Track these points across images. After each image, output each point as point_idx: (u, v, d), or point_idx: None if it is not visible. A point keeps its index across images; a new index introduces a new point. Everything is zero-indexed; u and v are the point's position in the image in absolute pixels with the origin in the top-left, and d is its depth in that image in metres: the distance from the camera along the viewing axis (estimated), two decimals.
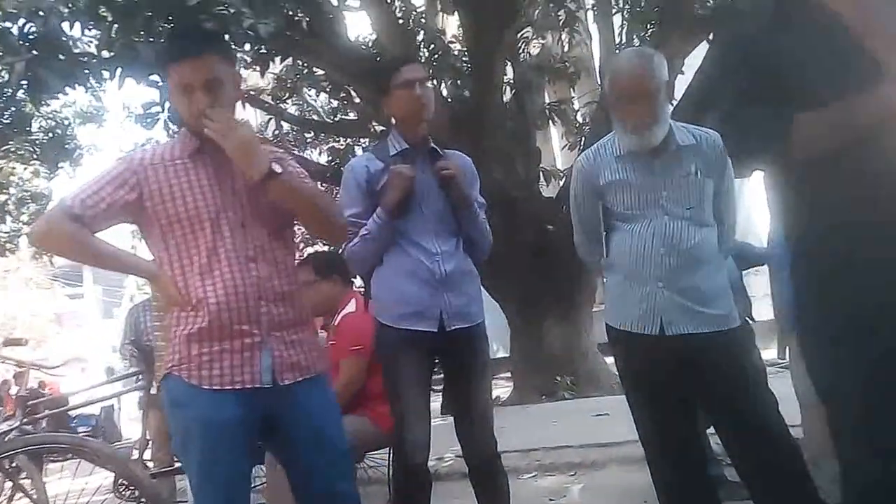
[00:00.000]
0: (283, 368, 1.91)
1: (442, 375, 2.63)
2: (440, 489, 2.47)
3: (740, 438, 2.19)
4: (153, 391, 3.73)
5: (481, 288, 2.62)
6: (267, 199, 1.92)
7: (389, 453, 3.47)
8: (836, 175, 1.54)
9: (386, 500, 3.56)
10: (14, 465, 3.32)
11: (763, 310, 4.10)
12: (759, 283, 3.87)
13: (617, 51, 7.37)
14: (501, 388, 8.15)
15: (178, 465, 3.29)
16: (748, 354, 2.26)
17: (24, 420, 3.67)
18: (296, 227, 2.16)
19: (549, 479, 4.10)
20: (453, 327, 2.44)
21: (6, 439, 2.51)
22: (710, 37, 6.91)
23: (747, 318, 2.68)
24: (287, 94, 10.02)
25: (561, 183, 8.76)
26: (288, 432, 1.95)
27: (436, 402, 3.28)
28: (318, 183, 11.62)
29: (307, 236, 7.05)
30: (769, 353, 5.90)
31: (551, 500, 3.71)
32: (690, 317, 2.16)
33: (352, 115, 10.38)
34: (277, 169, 1.87)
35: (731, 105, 1.66)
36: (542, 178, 8.74)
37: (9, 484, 3.62)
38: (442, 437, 2.77)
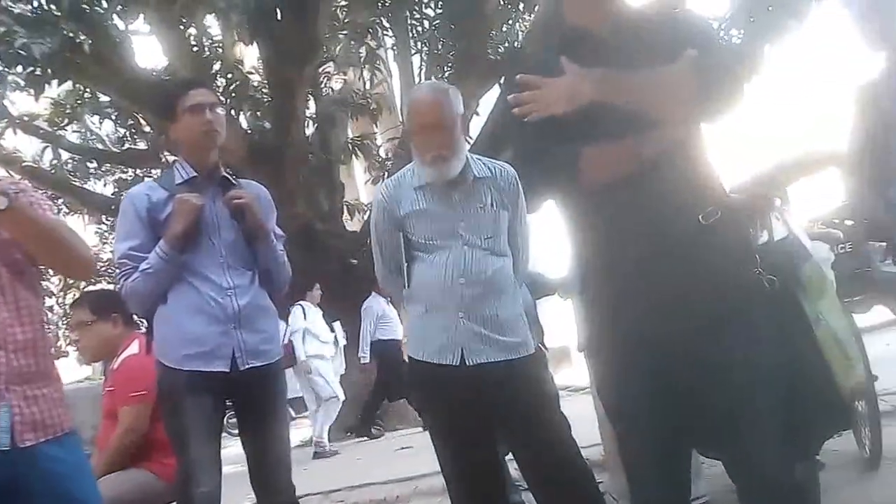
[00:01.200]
0: (24, 428, 1.68)
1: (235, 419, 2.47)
2: None
3: (534, 463, 2.26)
4: None
5: (279, 324, 2.50)
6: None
7: None
8: (604, 207, 1.65)
9: None
10: None
11: (555, 336, 4.37)
12: (550, 311, 4.09)
13: None
14: (306, 428, 7.94)
15: None
16: (542, 380, 2.34)
17: None
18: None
19: None
20: (248, 365, 2.30)
21: None
22: (502, 80, 7.35)
23: (540, 345, 2.80)
24: (66, 121, 9.20)
25: (364, 217, 8.82)
26: (30, 500, 1.70)
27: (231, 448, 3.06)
28: (103, 216, 10.79)
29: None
30: (562, 378, 6.31)
31: None
32: (490, 345, 2.20)
33: (141, 145, 9.76)
34: (1, 204, 1.64)
35: (523, 141, 1.73)
36: (345, 212, 8.74)
37: None
38: (234, 486, 2.58)
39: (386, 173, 8.57)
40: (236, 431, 2.60)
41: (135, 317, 3.21)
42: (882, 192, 2.24)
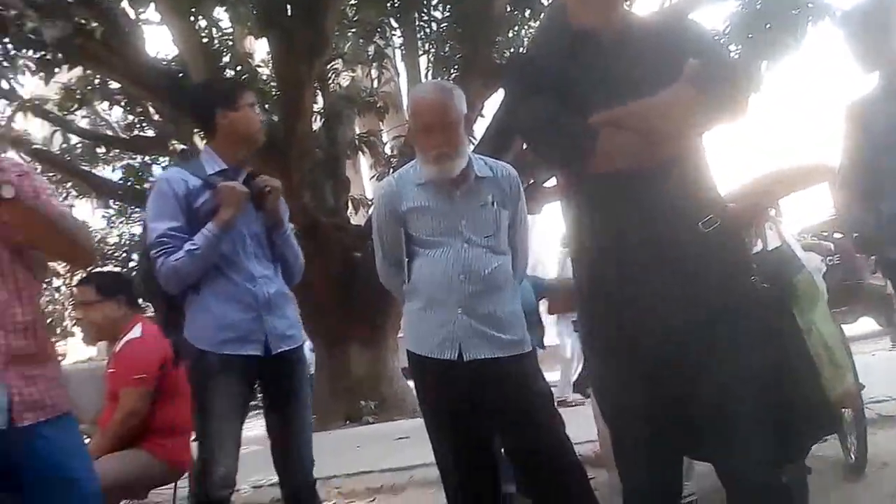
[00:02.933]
0: (23, 408, 1.72)
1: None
2: None
3: (527, 458, 2.30)
4: None
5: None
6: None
7: (174, 488, 3.26)
8: (608, 197, 1.67)
9: None
10: None
11: (549, 335, 4.42)
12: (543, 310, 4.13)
13: None
14: None
15: None
16: (537, 378, 2.38)
17: None
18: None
19: None
20: (279, 350, 2.40)
21: None
22: (505, 81, 7.38)
23: (538, 345, 2.85)
24: (76, 105, 9.24)
25: (369, 212, 8.86)
26: (28, 480, 1.74)
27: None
28: (110, 201, 10.85)
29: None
30: (556, 376, 6.37)
31: None
32: (487, 342, 2.24)
33: (149, 132, 9.80)
34: (7, 194, 1.67)
35: (543, 110, 1.70)
36: (350, 207, 8.79)
37: None
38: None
39: (391, 170, 8.63)
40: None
41: (139, 300, 3.29)
42: (871, 208, 2.28)
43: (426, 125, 2.27)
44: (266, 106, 8.13)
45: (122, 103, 9.41)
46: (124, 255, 11.40)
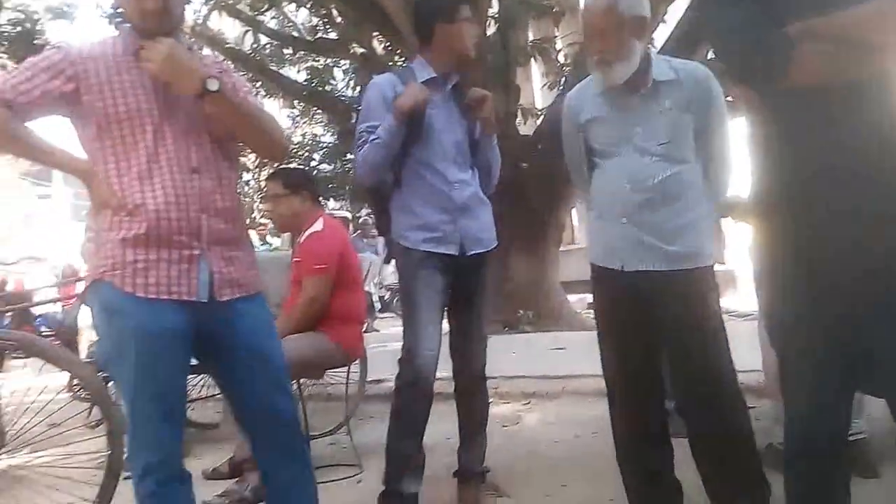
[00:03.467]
0: (222, 284, 1.85)
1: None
2: None
3: (686, 379, 2.24)
4: None
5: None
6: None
7: (347, 371, 3.54)
8: (803, 115, 1.54)
9: (344, 417, 3.62)
10: None
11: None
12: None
13: None
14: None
15: None
16: (705, 296, 2.28)
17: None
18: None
19: (504, 406, 4.22)
20: (472, 252, 2.53)
21: None
22: None
23: (715, 262, 2.70)
24: (265, 6, 9.68)
25: (538, 122, 8.70)
26: (224, 349, 1.89)
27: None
28: (295, 101, 11.45)
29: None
30: (726, 302, 6.09)
31: (504, 426, 3.82)
32: (651, 253, 2.18)
33: (332, 35, 10.10)
34: (213, 86, 1.78)
35: (731, 26, 1.59)
36: (519, 116, 8.67)
37: None
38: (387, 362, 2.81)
39: (564, 79, 8.35)
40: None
41: (320, 198, 3.49)
42: None
43: (587, 28, 2.19)
44: None
45: (308, 5, 9.71)
46: (306, 154, 12.09)
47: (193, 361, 1.91)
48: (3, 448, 2.49)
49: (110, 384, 2.80)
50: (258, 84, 10.51)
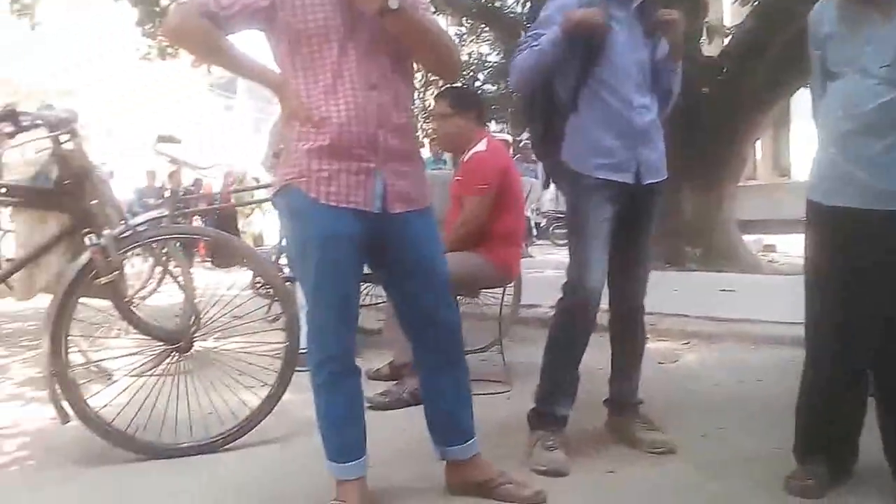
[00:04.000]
0: (394, 198, 1.95)
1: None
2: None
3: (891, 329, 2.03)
4: None
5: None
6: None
7: (502, 293, 3.60)
8: None
9: (496, 336, 3.71)
10: (165, 251, 3.67)
11: None
12: None
13: None
14: None
15: None
16: None
17: (176, 212, 4.05)
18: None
19: (661, 343, 4.13)
20: (647, 181, 2.45)
21: (159, 226, 2.75)
22: None
23: None
24: None
25: (725, 41, 8.06)
26: (393, 259, 2.02)
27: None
28: (462, 18, 11.32)
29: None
30: None
31: (660, 363, 3.74)
32: (857, 190, 1.98)
33: None
34: (393, 4, 1.82)
35: None
36: (704, 35, 8.05)
37: (159, 269, 4.05)
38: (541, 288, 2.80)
39: None
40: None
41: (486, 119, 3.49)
42: None
43: None
44: None
45: None
46: (471, 74, 12.03)
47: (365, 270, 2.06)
48: (197, 332, 2.80)
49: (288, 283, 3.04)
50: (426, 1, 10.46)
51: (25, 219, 2.67)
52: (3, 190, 2.62)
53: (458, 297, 3.52)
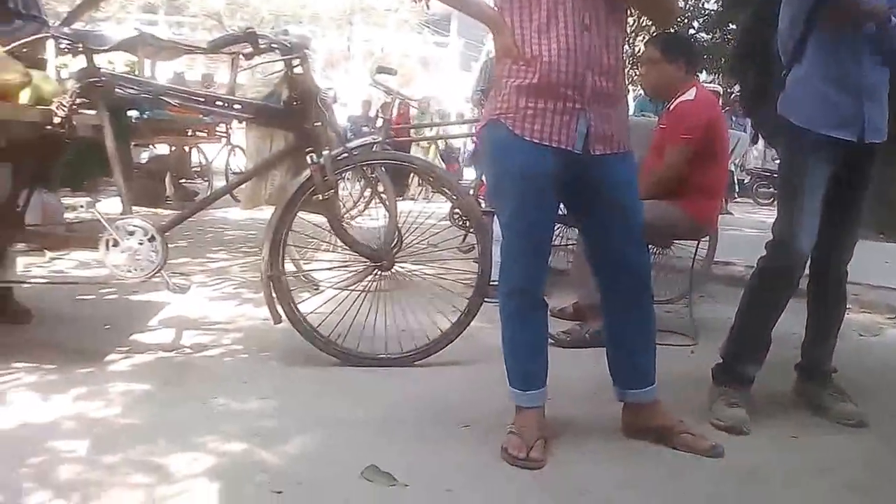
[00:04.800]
0: (596, 139, 1.96)
1: None
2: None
3: None
4: None
5: None
6: None
7: (696, 246, 3.50)
8: None
9: (683, 292, 3.63)
10: (374, 175, 3.93)
11: None
12: None
13: None
14: None
15: None
16: None
17: (387, 139, 4.28)
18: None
19: (864, 315, 3.86)
20: (869, 140, 2.30)
21: (371, 150, 2.92)
22: None
23: None
24: None
25: None
26: (589, 200, 2.05)
27: None
28: None
29: None
30: None
31: (861, 335, 3.50)
32: None
33: None
34: None
35: None
36: None
37: (368, 191, 4.35)
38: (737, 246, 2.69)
39: None
40: None
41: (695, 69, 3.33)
42: None
43: None
44: None
45: None
46: (685, 21, 11.35)
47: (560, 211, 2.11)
48: (398, 254, 3.00)
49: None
50: None
51: (256, 135, 2.92)
52: (239, 107, 2.87)
53: (650, 246, 3.50)
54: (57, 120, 2.54)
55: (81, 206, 5.65)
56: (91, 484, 1.73)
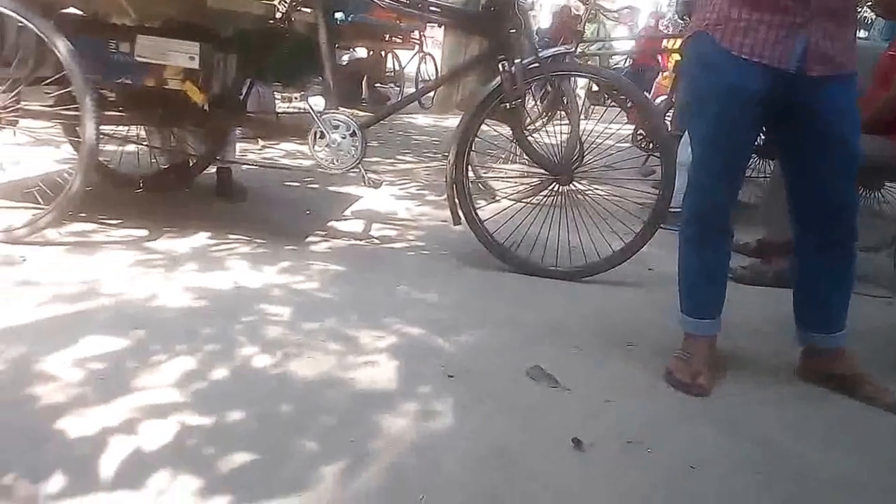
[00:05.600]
0: (815, 59, 1.77)
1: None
2: None
3: None
4: None
5: None
6: None
7: None
8: None
9: (888, 240, 3.32)
10: (559, 86, 3.86)
11: None
12: None
13: None
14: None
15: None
16: None
17: (576, 51, 4.17)
18: None
19: None
20: None
21: (562, 61, 2.86)
22: None
23: None
24: None
25: None
26: (800, 127, 1.86)
27: None
28: None
29: None
30: None
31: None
32: None
33: None
34: None
35: None
36: None
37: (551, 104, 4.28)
38: None
39: None
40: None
41: None
42: None
43: None
44: None
45: None
46: None
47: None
48: (578, 170, 2.97)
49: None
50: None
51: (452, 40, 2.95)
52: (438, 10, 2.89)
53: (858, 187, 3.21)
54: (278, 15, 2.74)
55: (295, 98, 6.14)
56: (292, 344, 1.98)
